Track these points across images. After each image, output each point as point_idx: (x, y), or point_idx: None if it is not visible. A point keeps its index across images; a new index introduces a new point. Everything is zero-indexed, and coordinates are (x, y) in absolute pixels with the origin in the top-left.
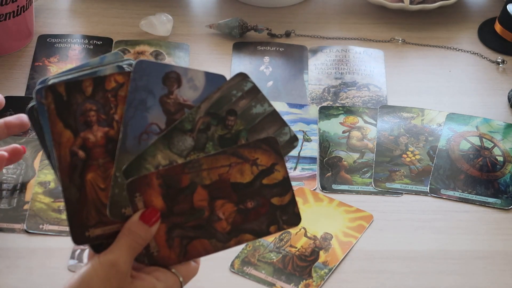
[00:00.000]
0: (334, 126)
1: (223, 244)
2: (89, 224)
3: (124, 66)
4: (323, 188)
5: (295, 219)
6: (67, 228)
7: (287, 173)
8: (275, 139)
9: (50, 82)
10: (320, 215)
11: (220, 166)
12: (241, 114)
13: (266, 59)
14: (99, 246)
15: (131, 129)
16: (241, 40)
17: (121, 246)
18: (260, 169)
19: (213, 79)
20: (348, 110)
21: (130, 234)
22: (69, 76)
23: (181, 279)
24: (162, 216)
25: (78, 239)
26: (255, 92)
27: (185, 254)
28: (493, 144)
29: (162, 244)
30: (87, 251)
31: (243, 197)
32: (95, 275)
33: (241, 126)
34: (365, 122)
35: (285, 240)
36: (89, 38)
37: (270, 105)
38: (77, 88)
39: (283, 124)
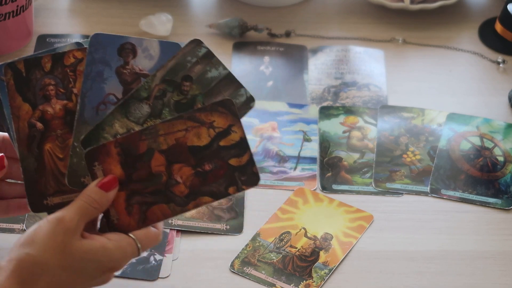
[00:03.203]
0: (334, 126)
1: (182, 207)
2: (47, 193)
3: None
4: (323, 188)
5: (254, 179)
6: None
7: (244, 133)
8: (231, 100)
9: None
10: (320, 215)
11: (176, 131)
12: (197, 79)
13: (266, 59)
14: None
15: (88, 100)
16: (241, 40)
17: (72, 206)
18: (217, 131)
19: (168, 47)
20: (348, 110)
21: (84, 197)
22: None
23: (138, 244)
24: (121, 183)
25: (36, 207)
26: (209, 57)
27: (144, 220)
28: (493, 144)
29: (122, 211)
30: None
31: (200, 160)
32: (40, 230)
33: (197, 91)
34: (366, 122)
35: (285, 240)
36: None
37: (225, 68)
38: (36, 64)
39: (239, 85)
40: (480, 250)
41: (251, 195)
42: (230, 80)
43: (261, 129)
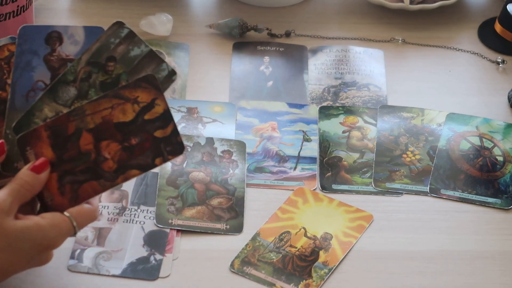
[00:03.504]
0: (334, 126)
1: (111, 182)
2: None
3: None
4: (323, 188)
5: (179, 148)
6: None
7: (167, 105)
8: (153, 75)
9: None
10: (320, 215)
11: (102, 109)
12: (120, 59)
13: (266, 59)
14: None
15: (18, 89)
16: (241, 40)
17: (4, 189)
18: (141, 106)
19: (92, 32)
20: (348, 110)
21: (17, 180)
22: None
23: (74, 222)
24: (53, 165)
25: None
26: (131, 37)
27: (76, 198)
28: (493, 144)
29: (55, 192)
30: (87, 250)
31: (126, 135)
32: None
33: (121, 70)
34: (365, 122)
35: (285, 240)
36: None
37: (147, 46)
38: None
39: (160, 61)
40: (480, 250)
41: (251, 195)
42: (152, 57)
43: (261, 129)
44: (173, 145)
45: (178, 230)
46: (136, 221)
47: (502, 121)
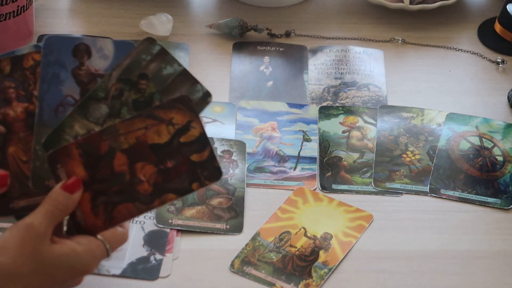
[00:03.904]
0: (334, 126)
1: (147, 205)
2: (12, 196)
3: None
4: (323, 188)
5: (216, 174)
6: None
7: (203, 128)
8: (188, 97)
9: None
10: (320, 215)
11: (136, 129)
12: (153, 77)
13: (266, 59)
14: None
15: (46, 103)
16: (241, 40)
17: (39, 211)
18: (176, 128)
19: (122, 46)
20: (348, 110)
21: (50, 201)
22: None
23: (107, 245)
24: (85, 184)
25: (2, 211)
26: (164, 54)
27: (111, 219)
28: (493, 144)
29: (88, 212)
30: None
31: (162, 157)
32: (10, 237)
33: (154, 89)
34: (365, 122)
35: (285, 240)
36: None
37: (180, 65)
38: None
39: (195, 81)
40: (480, 250)
41: (251, 195)
42: (186, 76)
43: (261, 129)
44: (210, 170)
45: (178, 230)
46: (136, 221)
47: (502, 121)
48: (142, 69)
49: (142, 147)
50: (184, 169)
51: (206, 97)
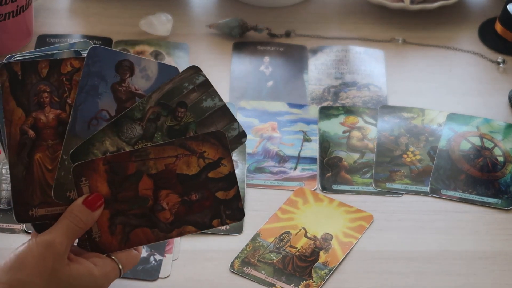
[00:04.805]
0: (334, 126)
1: (165, 234)
2: (33, 203)
3: (83, 52)
4: (323, 188)
5: (239, 214)
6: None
7: (233, 168)
8: (224, 133)
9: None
10: (320, 216)
11: (167, 157)
12: (191, 107)
13: (266, 59)
14: (42, 227)
15: (81, 114)
16: (241, 40)
17: (60, 228)
18: (207, 162)
19: (166, 70)
20: (348, 110)
21: (71, 217)
22: (31, 56)
23: (120, 266)
24: (106, 202)
25: (21, 217)
26: (206, 86)
27: (126, 241)
28: (493, 144)
29: (105, 230)
30: None
31: (188, 188)
32: (30, 254)
33: (191, 119)
34: (365, 122)
35: (285, 240)
36: (89, 38)
37: (221, 100)
38: (33, 68)
39: (233, 119)
40: (480, 250)
41: (251, 195)
42: (224, 112)
43: (261, 129)
44: (233, 210)
45: None
46: None
47: (503, 121)
48: (183, 97)
49: (169, 175)
50: (207, 204)
51: (241, 136)
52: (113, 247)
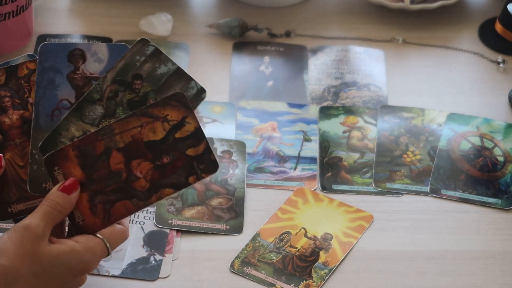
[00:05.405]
0: (334, 126)
1: (145, 201)
2: (11, 200)
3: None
4: (323, 188)
5: (213, 166)
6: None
7: (198, 124)
8: (182, 93)
9: None
10: (320, 216)
11: (132, 128)
12: (147, 77)
13: (266, 59)
14: None
15: (42, 108)
16: (241, 40)
17: (36, 212)
18: (172, 124)
19: (116, 49)
20: (348, 110)
21: (47, 202)
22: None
23: (106, 242)
24: (83, 185)
25: (1, 216)
26: (157, 55)
27: (109, 218)
28: (493, 144)
29: (86, 212)
30: None
31: (158, 153)
32: (8, 240)
33: (148, 88)
34: (366, 122)
35: (285, 240)
36: (89, 38)
37: (174, 64)
38: None
39: (189, 79)
40: (480, 250)
41: (251, 195)
42: (179, 74)
43: (261, 129)
44: (206, 163)
45: (178, 231)
46: (136, 221)
47: (503, 121)
48: (137, 70)
49: (137, 145)
50: (180, 164)
51: (200, 93)
52: (97, 227)
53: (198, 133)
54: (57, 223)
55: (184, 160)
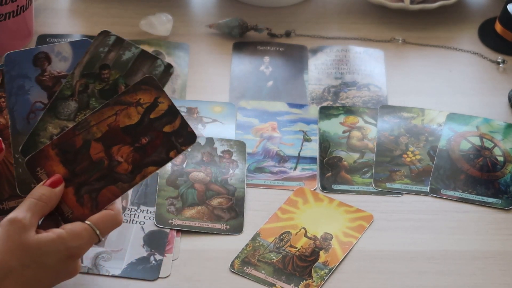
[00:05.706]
0: (334, 126)
1: (129, 183)
2: (3, 197)
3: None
4: (323, 188)
5: (191, 138)
6: None
7: (170, 101)
8: (151, 76)
9: None
10: (320, 215)
11: (107, 117)
12: (114, 65)
13: (266, 59)
14: None
15: (17, 114)
16: (241, 40)
17: (21, 205)
18: (145, 107)
19: (79, 45)
20: (348, 110)
21: (32, 195)
22: None
23: (94, 227)
24: (67, 180)
25: None
26: (120, 42)
27: (97, 205)
28: (493, 144)
29: (74, 205)
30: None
31: (136, 136)
32: None
33: (117, 75)
34: (365, 122)
35: (285, 240)
36: (89, 38)
37: (137, 47)
38: None
39: (154, 58)
40: (480, 250)
41: (251, 195)
42: (144, 56)
43: (261, 129)
44: (184, 136)
45: (178, 230)
46: (136, 221)
47: (503, 121)
48: (102, 61)
49: (115, 132)
50: (159, 142)
51: (168, 69)
52: (86, 216)
53: (172, 110)
54: (50, 220)
55: (162, 137)
